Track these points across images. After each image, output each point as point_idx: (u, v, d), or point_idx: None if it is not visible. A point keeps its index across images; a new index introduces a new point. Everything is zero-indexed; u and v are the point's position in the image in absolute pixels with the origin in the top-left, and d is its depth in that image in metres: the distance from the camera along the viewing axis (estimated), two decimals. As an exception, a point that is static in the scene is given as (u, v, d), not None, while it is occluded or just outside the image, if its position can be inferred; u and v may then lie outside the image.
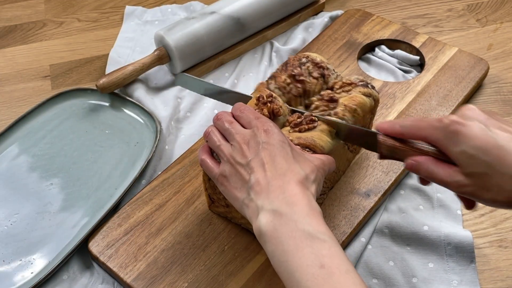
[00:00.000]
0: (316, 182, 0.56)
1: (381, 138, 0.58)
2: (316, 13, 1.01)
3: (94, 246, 0.68)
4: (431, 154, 0.55)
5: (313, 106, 0.66)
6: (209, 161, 0.60)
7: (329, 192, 0.71)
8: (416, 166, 0.55)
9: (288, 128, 0.64)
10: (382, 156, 0.59)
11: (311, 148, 0.61)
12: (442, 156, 0.54)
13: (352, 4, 1.05)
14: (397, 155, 0.58)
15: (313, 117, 0.63)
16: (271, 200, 0.52)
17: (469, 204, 0.56)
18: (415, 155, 0.56)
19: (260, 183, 0.54)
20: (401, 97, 0.83)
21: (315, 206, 0.53)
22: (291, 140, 0.61)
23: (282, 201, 0.52)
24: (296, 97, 0.67)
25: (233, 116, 0.61)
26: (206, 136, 0.61)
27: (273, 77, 0.68)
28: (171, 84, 0.90)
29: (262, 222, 0.52)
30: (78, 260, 0.69)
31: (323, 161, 0.59)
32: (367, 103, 0.68)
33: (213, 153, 0.61)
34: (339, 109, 0.65)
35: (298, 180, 0.54)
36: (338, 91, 0.68)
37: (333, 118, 0.64)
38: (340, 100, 0.66)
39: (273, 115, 0.63)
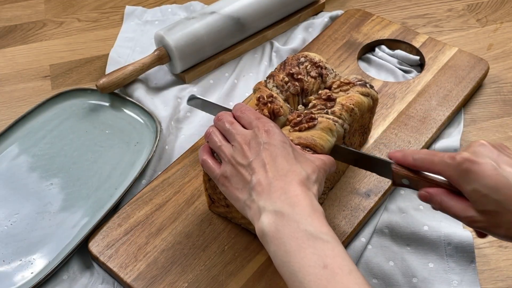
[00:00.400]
0: (318, 182, 0.56)
1: (394, 167, 0.59)
2: (316, 13, 1.01)
3: (94, 246, 0.68)
4: (443, 186, 0.55)
5: (310, 104, 0.66)
6: (210, 162, 0.60)
7: (329, 192, 0.71)
8: (428, 197, 0.56)
9: (289, 127, 0.64)
10: (396, 184, 0.60)
11: (311, 147, 0.61)
12: (455, 188, 0.54)
13: (352, 4, 1.05)
14: (411, 184, 0.58)
15: (313, 115, 0.63)
16: (273, 201, 0.52)
17: (481, 234, 0.56)
18: (428, 186, 0.56)
19: (262, 183, 0.54)
20: (401, 97, 0.83)
21: (317, 207, 0.53)
22: (291, 140, 0.61)
23: (284, 201, 0.52)
24: (294, 96, 0.67)
25: (234, 117, 0.61)
26: (207, 136, 0.61)
27: (271, 76, 0.68)
28: (171, 84, 0.90)
29: (264, 223, 0.52)
30: (78, 260, 0.69)
31: (324, 161, 0.59)
32: (364, 103, 0.68)
33: (214, 153, 0.61)
34: (336, 108, 0.65)
35: (300, 180, 0.54)
36: (336, 90, 0.68)
37: (331, 117, 0.64)
38: (338, 99, 0.66)
39: (274, 115, 0.63)
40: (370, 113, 0.72)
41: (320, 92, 0.67)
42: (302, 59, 0.69)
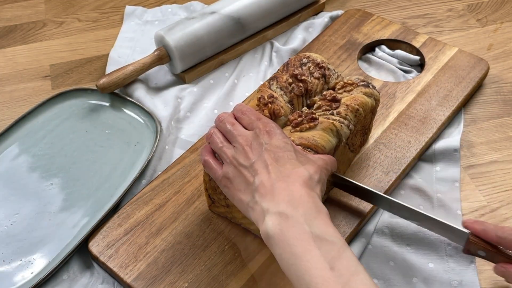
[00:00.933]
0: (321, 182, 0.56)
1: (472, 239, 0.58)
2: (316, 13, 1.01)
3: (94, 246, 0.68)
4: None
5: (315, 105, 0.66)
6: (212, 162, 0.60)
7: (329, 192, 0.71)
8: (506, 273, 0.56)
9: (289, 128, 0.64)
10: (468, 253, 0.60)
11: (312, 148, 0.61)
12: None
13: (352, 4, 1.05)
14: (487, 256, 0.58)
15: (314, 115, 0.63)
16: (276, 203, 0.52)
17: None
18: (506, 261, 0.56)
19: (265, 185, 0.53)
20: (401, 97, 0.83)
21: (322, 207, 0.52)
22: (293, 141, 0.61)
23: (288, 203, 0.52)
24: (298, 97, 0.67)
25: (235, 117, 0.61)
26: (208, 137, 0.61)
27: (274, 78, 0.68)
28: (171, 84, 0.90)
29: (269, 225, 0.51)
30: (78, 260, 0.69)
31: (325, 161, 0.59)
32: (368, 103, 0.68)
33: (215, 153, 0.61)
34: (341, 109, 0.65)
35: (303, 181, 0.54)
36: (339, 91, 0.68)
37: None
38: (342, 100, 0.66)
39: (274, 116, 0.63)
40: (372, 114, 0.72)
41: (324, 93, 0.67)
42: (305, 60, 0.69)
